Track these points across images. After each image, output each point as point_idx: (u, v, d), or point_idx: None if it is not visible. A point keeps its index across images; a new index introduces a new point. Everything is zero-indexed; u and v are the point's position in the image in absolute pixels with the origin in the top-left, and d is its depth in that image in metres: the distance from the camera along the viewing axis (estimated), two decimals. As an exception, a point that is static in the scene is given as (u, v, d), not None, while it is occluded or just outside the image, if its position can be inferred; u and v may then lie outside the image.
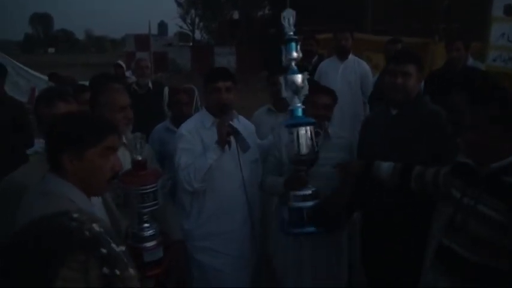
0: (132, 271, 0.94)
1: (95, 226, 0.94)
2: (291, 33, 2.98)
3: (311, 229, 2.97)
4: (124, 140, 2.96)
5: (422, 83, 4.14)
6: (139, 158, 2.56)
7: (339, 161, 3.17)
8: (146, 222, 2.58)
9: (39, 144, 3.12)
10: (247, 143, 3.16)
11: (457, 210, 2.39)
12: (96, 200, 2.24)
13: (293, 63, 3.00)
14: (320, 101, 3.27)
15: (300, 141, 2.89)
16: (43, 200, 1.85)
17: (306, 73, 3.01)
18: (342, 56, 5.97)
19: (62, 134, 1.93)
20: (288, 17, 2.96)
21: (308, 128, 2.91)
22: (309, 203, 2.97)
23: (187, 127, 3.29)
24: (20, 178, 2.36)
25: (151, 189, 2.50)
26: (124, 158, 2.68)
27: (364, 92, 5.82)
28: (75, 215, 0.95)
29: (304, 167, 2.99)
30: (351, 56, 6.01)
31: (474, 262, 2.25)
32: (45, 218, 0.97)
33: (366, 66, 6.07)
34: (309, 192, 2.99)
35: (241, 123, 3.41)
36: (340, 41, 5.98)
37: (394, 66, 3.07)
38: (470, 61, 5.64)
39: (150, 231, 2.57)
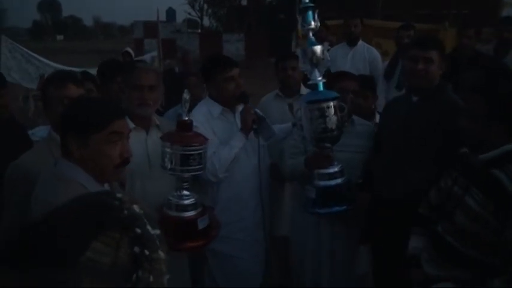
0: (161, 254, 0.97)
1: (135, 207, 0.97)
2: (307, 0, 2.81)
3: (340, 207, 2.87)
4: (157, 122, 2.95)
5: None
6: (186, 118, 2.55)
7: (361, 148, 3.16)
8: (186, 189, 2.59)
9: (45, 130, 3.10)
10: (272, 130, 3.13)
11: (447, 198, 2.40)
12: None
13: (311, 34, 2.84)
14: (349, 87, 3.20)
15: (325, 116, 2.72)
16: (56, 184, 1.86)
17: (326, 43, 2.90)
18: (352, 42, 5.94)
19: (67, 119, 1.92)
20: None
21: (332, 102, 2.75)
22: (338, 181, 2.87)
23: (197, 118, 3.14)
24: (26, 164, 2.38)
25: (197, 151, 2.48)
26: (158, 141, 2.68)
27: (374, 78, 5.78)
28: (119, 195, 0.99)
29: (330, 144, 2.87)
30: (360, 42, 5.99)
31: (463, 253, 2.25)
32: (90, 194, 1.00)
33: (375, 52, 6.04)
34: (336, 169, 2.88)
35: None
36: (350, 27, 5.94)
37: (416, 52, 2.99)
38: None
39: (190, 200, 2.58)
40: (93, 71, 4.47)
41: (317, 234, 3.26)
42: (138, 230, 0.93)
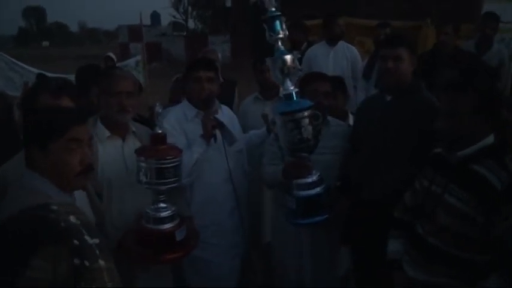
0: (102, 263, 0.97)
1: (72, 218, 0.97)
2: (273, 9, 2.70)
3: (321, 217, 2.80)
4: (133, 129, 2.96)
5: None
6: (159, 131, 2.55)
7: (338, 149, 3.15)
8: (163, 202, 2.60)
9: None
10: (234, 136, 3.16)
11: (425, 198, 2.39)
12: (80, 193, 2.23)
13: (279, 43, 2.72)
14: (321, 89, 3.16)
15: (300, 127, 2.62)
16: (21, 195, 1.83)
17: (295, 52, 2.76)
18: (332, 41, 5.93)
19: (27, 129, 1.90)
20: None
21: (306, 112, 2.64)
22: (317, 189, 2.80)
23: (169, 120, 3.19)
24: (4, 173, 2.36)
25: (171, 164, 2.49)
26: (134, 147, 2.71)
27: (354, 77, 5.81)
28: (54, 207, 0.98)
29: (306, 154, 2.81)
30: (340, 42, 5.99)
31: (447, 253, 2.24)
32: (26, 209, 1.00)
33: (355, 50, 6.04)
34: (315, 178, 2.82)
35: (224, 113, 3.39)
36: (332, 27, 5.92)
37: (385, 51, 3.02)
38: (495, 46, 5.62)
39: (167, 212, 2.59)
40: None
41: (297, 237, 3.25)
42: (76, 242, 0.92)
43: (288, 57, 2.67)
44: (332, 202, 2.95)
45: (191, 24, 42.84)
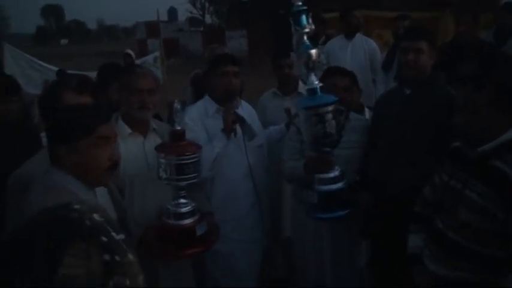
0: (131, 257, 0.98)
1: (96, 216, 0.98)
2: (300, 3, 2.68)
3: (342, 212, 2.81)
4: (154, 126, 2.98)
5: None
6: (178, 128, 2.57)
7: (357, 144, 3.15)
8: (183, 197, 2.61)
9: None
10: (254, 131, 3.18)
11: (445, 193, 2.36)
12: (102, 190, 2.27)
13: (305, 37, 2.70)
14: (340, 83, 3.15)
15: (324, 121, 2.63)
16: (45, 194, 1.89)
17: (321, 46, 2.83)
18: (350, 35, 5.92)
19: (55, 127, 1.97)
20: None
21: (330, 107, 2.65)
22: (339, 185, 2.81)
23: (190, 115, 3.25)
24: (28, 172, 2.40)
25: (190, 160, 2.50)
26: (155, 144, 2.73)
27: (373, 70, 5.79)
28: (76, 206, 1.00)
29: (329, 149, 2.81)
30: (357, 35, 5.97)
31: (468, 248, 2.21)
32: (47, 210, 1.01)
33: (373, 43, 6.03)
34: (337, 173, 2.82)
35: (244, 109, 3.40)
36: (349, 20, 5.92)
37: (405, 43, 3.01)
38: None
39: (187, 208, 2.61)
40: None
41: (318, 232, 3.26)
42: (104, 238, 0.94)
43: (314, 52, 2.68)
44: (353, 197, 2.93)
45: (208, 19, 43.01)
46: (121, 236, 0.98)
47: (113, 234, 0.97)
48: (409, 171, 2.86)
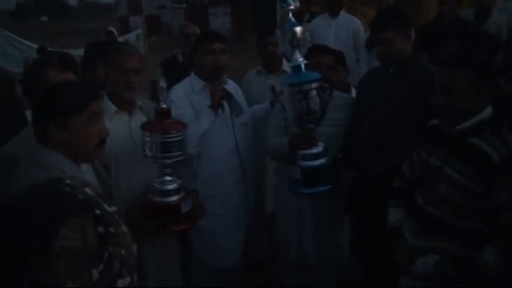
0: (124, 228, 1.01)
1: (88, 190, 1.01)
2: None
3: (324, 187, 2.88)
4: (140, 104, 2.98)
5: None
6: (163, 106, 2.59)
7: (340, 121, 3.18)
8: (169, 175, 2.65)
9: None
10: (241, 107, 3.21)
11: (424, 170, 2.42)
12: (87, 167, 2.29)
13: (290, 15, 2.77)
14: (324, 61, 3.18)
15: (308, 98, 2.69)
16: (34, 171, 1.90)
17: (305, 24, 2.86)
18: (334, 13, 5.91)
19: (46, 104, 1.98)
20: None
21: (314, 84, 2.70)
22: (322, 160, 2.88)
23: (176, 93, 3.27)
24: (12, 149, 2.39)
25: (176, 138, 2.54)
26: (141, 122, 2.76)
27: (357, 49, 5.80)
28: (68, 181, 1.02)
29: (313, 126, 2.86)
30: (342, 13, 5.96)
31: (448, 222, 2.27)
32: (39, 185, 1.03)
33: (357, 22, 6.02)
34: (320, 149, 2.88)
35: (230, 86, 3.40)
36: None
37: (375, 33, 3.00)
38: (494, 15, 5.57)
39: (173, 185, 2.65)
40: (81, 53, 4.47)
41: (300, 208, 3.31)
42: (98, 211, 0.97)
43: (298, 29, 2.72)
44: (336, 174, 2.98)
45: (191, -4, 42.39)
46: (113, 208, 1.01)
47: (106, 207, 1.00)
48: (393, 150, 2.89)
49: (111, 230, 0.97)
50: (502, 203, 2.09)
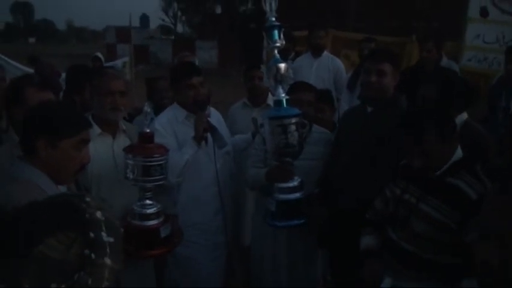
0: (107, 261, 1.03)
1: (98, 214, 1.05)
2: (273, 18, 2.83)
3: (298, 221, 2.93)
4: (123, 127, 3.04)
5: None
6: (147, 130, 2.65)
7: (318, 155, 3.24)
8: (149, 199, 2.68)
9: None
10: (224, 140, 3.23)
11: (398, 206, 2.52)
12: (62, 188, 2.31)
13: (276, 51, 2.87)
14: (305, 98, 3.26)
15: (287, 132, 2.76)
16: (12, 185, 1.92)
17: (290, 61, 2.94)
18: (316, 53, 6.07)
19: (41, 120, 2.00)
20: (270, 1, 2.81)
21: (294, 119, 2.78)
22: (297, 195, 2.92)
23: (160, 121, 3.29)
24: None
25: (158, 162, 2.58)
26: (124, 145, 2.79)
27: (337, 89, 5.92)
28: (87, 199, 1.06)
29: (290, 159, 2.91)
30: (325, 53, 6.11)
31: (422, 257, 2.38)
32: (62, 194, 1.08)
33: (339, 62, 6.17)
34: (296, 183, 2.93)
35: (213, 116, 3.46)
36: (315, 38, 6.08)
37: (369, 65, 3.08)
38: (445, 60, 5.78)
39: (153, 209, 2.68)
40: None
41: (275, 239, 3.34)
42: (92, 235, 1.01)
43: (282, 66, 2.81)
44: (310, 209, 3.04)
45: (180, 28, 42.90)
46: (109, 239, 1.04)
47: (103, 234, 1.03)
48: (368, 185, 2.95)
49: (93, 256, 1.00)
50: (474, 239, 2.17)
